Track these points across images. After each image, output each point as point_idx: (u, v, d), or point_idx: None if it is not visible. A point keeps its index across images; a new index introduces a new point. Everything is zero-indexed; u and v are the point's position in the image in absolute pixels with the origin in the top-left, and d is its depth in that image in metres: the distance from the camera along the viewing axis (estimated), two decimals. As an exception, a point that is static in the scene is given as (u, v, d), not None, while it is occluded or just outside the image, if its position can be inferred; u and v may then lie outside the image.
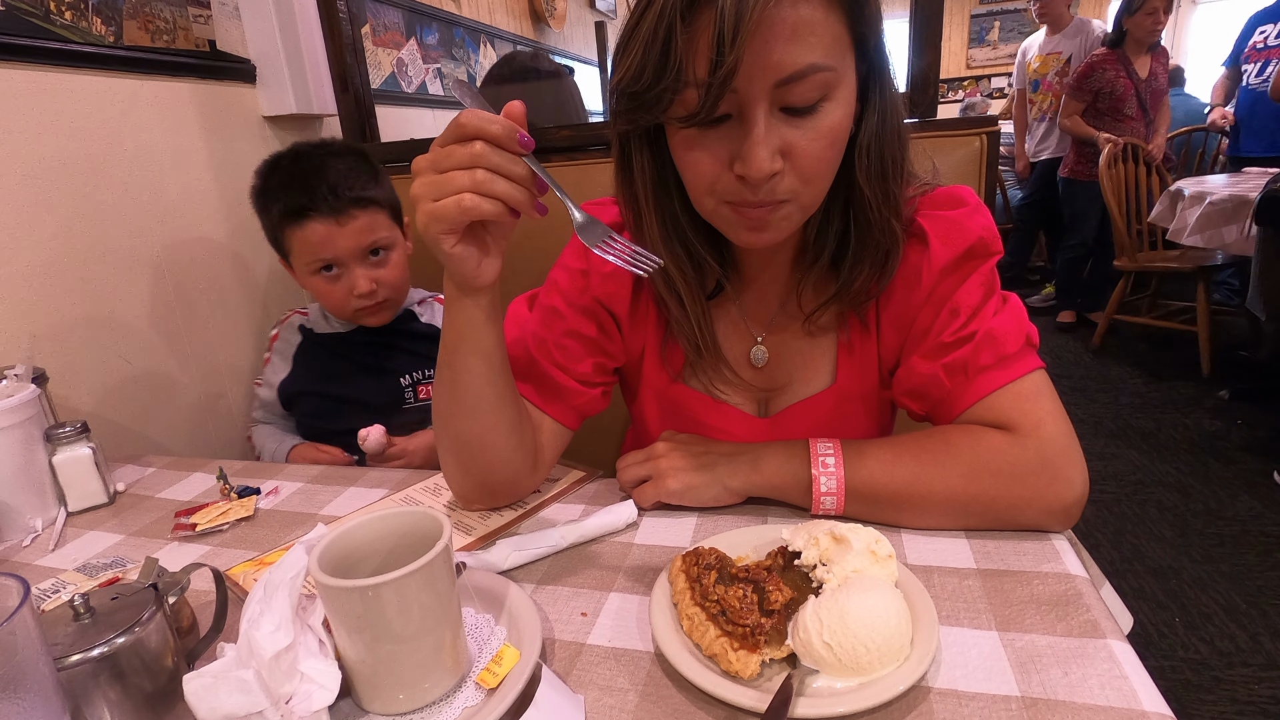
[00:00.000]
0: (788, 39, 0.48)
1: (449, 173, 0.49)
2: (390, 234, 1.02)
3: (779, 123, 0.51)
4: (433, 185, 0.49)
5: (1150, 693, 0.41)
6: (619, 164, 0.62)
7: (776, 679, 0.43)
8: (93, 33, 1.04)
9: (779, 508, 0.64)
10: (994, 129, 0.98)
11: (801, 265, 0.67)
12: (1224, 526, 1.92)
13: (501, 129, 0.48)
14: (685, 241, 0.63)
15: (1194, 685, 1.40)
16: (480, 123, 0.48)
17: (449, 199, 0.49)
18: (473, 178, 0.48)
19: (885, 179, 0.57)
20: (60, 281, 1.01)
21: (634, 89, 0.51)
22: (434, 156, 0.50)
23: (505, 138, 0.48)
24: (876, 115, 0.56)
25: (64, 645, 0.42)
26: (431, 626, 0.44)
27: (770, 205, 0.54)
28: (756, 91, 0.49)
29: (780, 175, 0.53)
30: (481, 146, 0.48)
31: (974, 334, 0.59)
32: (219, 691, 0.38)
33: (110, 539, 0.74)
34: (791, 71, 0.49)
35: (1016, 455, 0.56)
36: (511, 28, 2.67)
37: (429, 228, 0.51)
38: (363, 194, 0.98)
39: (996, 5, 6.79)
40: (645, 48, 0.49)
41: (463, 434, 0.63)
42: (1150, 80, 3.11)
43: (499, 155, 0.48)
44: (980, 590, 0.51)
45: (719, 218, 0.58)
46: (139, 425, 1.14)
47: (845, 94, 0.53)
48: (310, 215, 0.96)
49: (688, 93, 0.50)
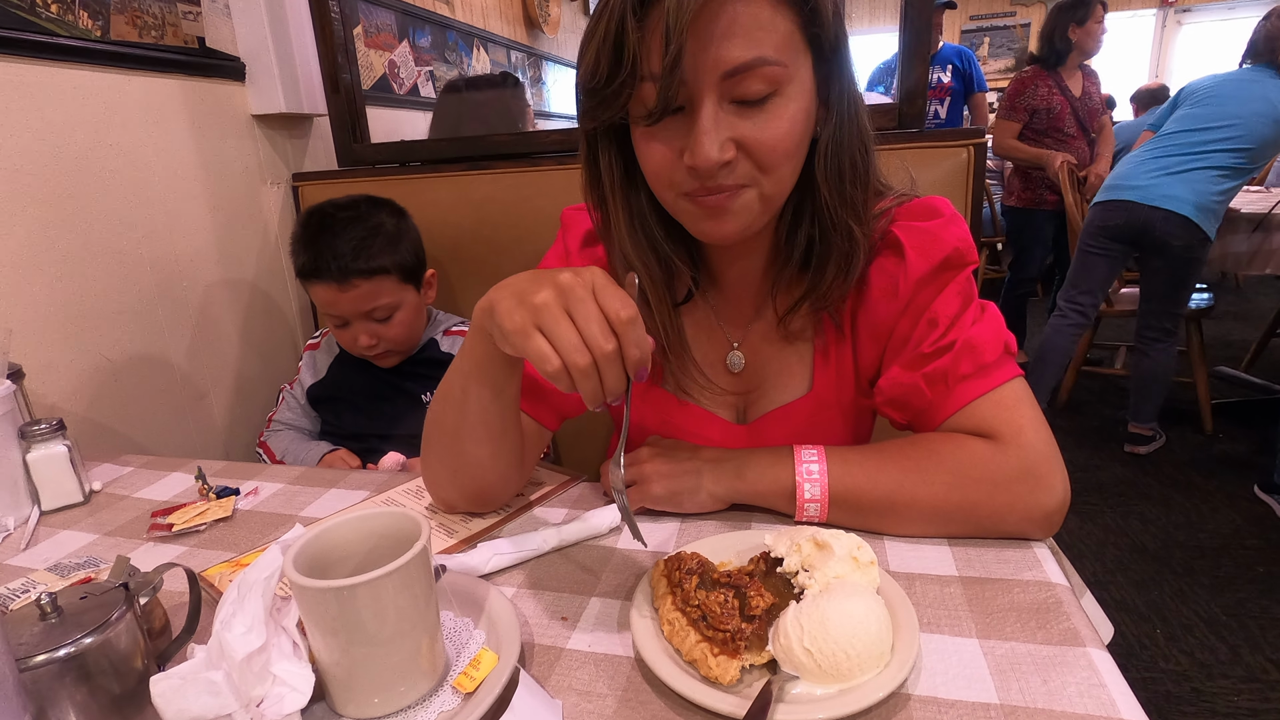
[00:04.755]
0: (734, 33, 0.50)
1: (569, 328, 0.44)
2: (395, 298, 1.05)
3: (729, 115, 0.53)
4: (550, 319, 0.45)
5: (1128, 701, 0.41)
6: (587, 163, 0.63)
7: (756, 685, 0.43)
8: (79, 26, 1.03)
9: (762, 514, 0.64)
10: (981, 141, 0.99)
11: (774, 269, 0.67)
12: (1205, 539, 1.93)
13: (639, 354, 0.45)
14: (653, 241, 0.64)
15: (1175, 697, 1.41)
16: (632, 336, 0.44)
17: (545, 349, 0.45)
18: (577, 362, 0.44)
19: (843, 181, 0.58)
20: (39, 276, 1.00)
21: (593, 85, 0.53)
22: (574, 293, 0.45)
23: (635, 363, 0.45)
24: (835, 118, 0.57)
25: (29, 645, 0.41)
26: (408, 629, 0.43)
27: (728, 191, 0.55)
28: (704, 83, 0.51)
29: (734, 164, 0.54)
30: (613, 350, 0.44)
31: (953, 343, 0.60)
32: (187, 693, 0.38)
33: (84, 538, 0.72)
34: (737, 64, 0.50)
35: (999, 463, 0.57)
36: (505, 32, 2.68)
37: (514, 337, 0.47)
38: (368, 264, 1.01)
39: (986, 21, 6.88)
40: (600, 45, 0.51)
41: (465, 453, 0.63)
42: (1084, 99, 2.90)
43: (616, 367, 0.44)
44: (961, 597, 0.51)
45: (680, 211, 0.59)
46: (117, 424, 1.12)
47: (798, 92, 0.54)
48: (316, 279, 1.02)
49: (643, 87, 0.52)
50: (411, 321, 1.09)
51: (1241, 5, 6.43)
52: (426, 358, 1.14)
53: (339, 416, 1.16)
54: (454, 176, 1.24)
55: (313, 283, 1.04)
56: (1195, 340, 2.53)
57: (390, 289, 1.04)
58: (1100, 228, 2.36)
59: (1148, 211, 2.20)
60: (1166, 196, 2.16)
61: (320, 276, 1.02)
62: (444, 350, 1.14)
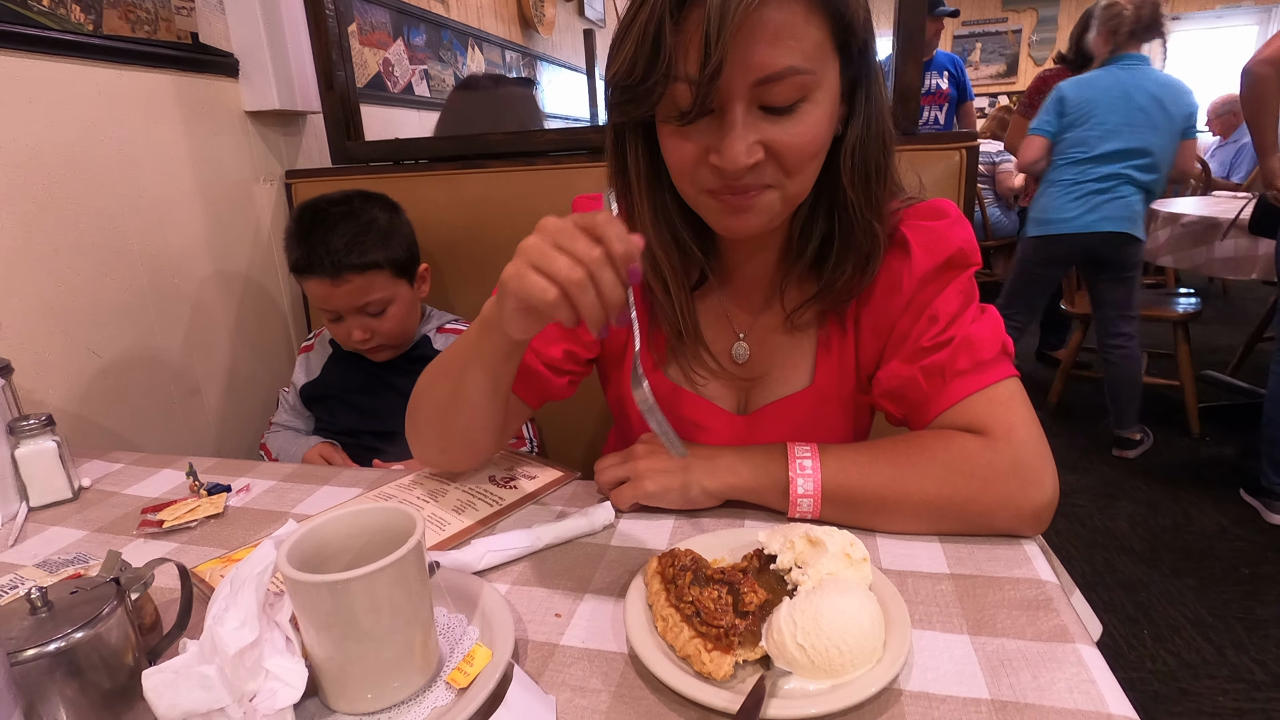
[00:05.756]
0: (769, 41, 0.50)
1: (558, 253, 0.48)
2: (388, 292, 1.06)
3: (758, 119, 0.54)
4: (540, 254, 0.49)
5: (1117, 696, 0.41)
6: (614, 154, 0.64)
7: (750, 680, 0.43)
8: (71, 20, 1.03)
9: (756, 511, 0.65)
10: (973, 144, 0.99)
11: (785, 264, 0.68)
12: (1192, 541, 1.95)
13: (625, 248, 0.48)
14: (674, 229, 0.65)
15: (1161, 696, 1.42)
16: (613, 232, 0.48)
17: (541, 281, 0.48)
18: (571, 276, 0.47)
19: (868, 181, 0.60)
20: (29, 271, 0.99)
21: (626, 83, 0.54)
22: (559, 228, 0.49)
23: (623, 257, 0.48)
24: (861, 120, 0.58)
25: (19, 640, 0.41)
26: (402, 625, 0.43)
27: (753, 191, 0.56)
28: (737, 89, 0.52)
29: (760, 166, 0.55)
30: (600, 254, 0.47)
31: (952, 339, 0.61)
32: (179, 687, 0.37)
33: (73, 535, 0.72)
34: (770, 72, 0.51)
35: (989, 458, 0.57)
36: (500, 32, 2.67)
37: (511, 283, 0.50)
38: (361, 259, 1.02)
39: (979, 27, 6.93)
40: (637, 44, 0.52)
41: (452, 424, 0.68)
42: None
43: (608, 271, 0.47)
44: (953, 594, 0.52)
45: (702, 206, 0.60)
46: (107, 421, 1.11)
47: (824, 97, 0.55)
48: (310, 274, 1.03)
49: (676, 88, 0.53)
50: (405, 315, 1.09)
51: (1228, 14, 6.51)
52: (420, 355, 1.14)
53: (332, 414, 1.16)
54: (448, 175, 1.24)
55: (306, 278, 1.04)
56: (1182, 345, 2.55)
57: (383, 283, 1.05)
58: (1043, 258, 2.41)
59: (1087, 238, 2.25)
60: (1103, 219, 2.21)
61: (313, 271, 1.02)
62: (436, 348, 1.14)
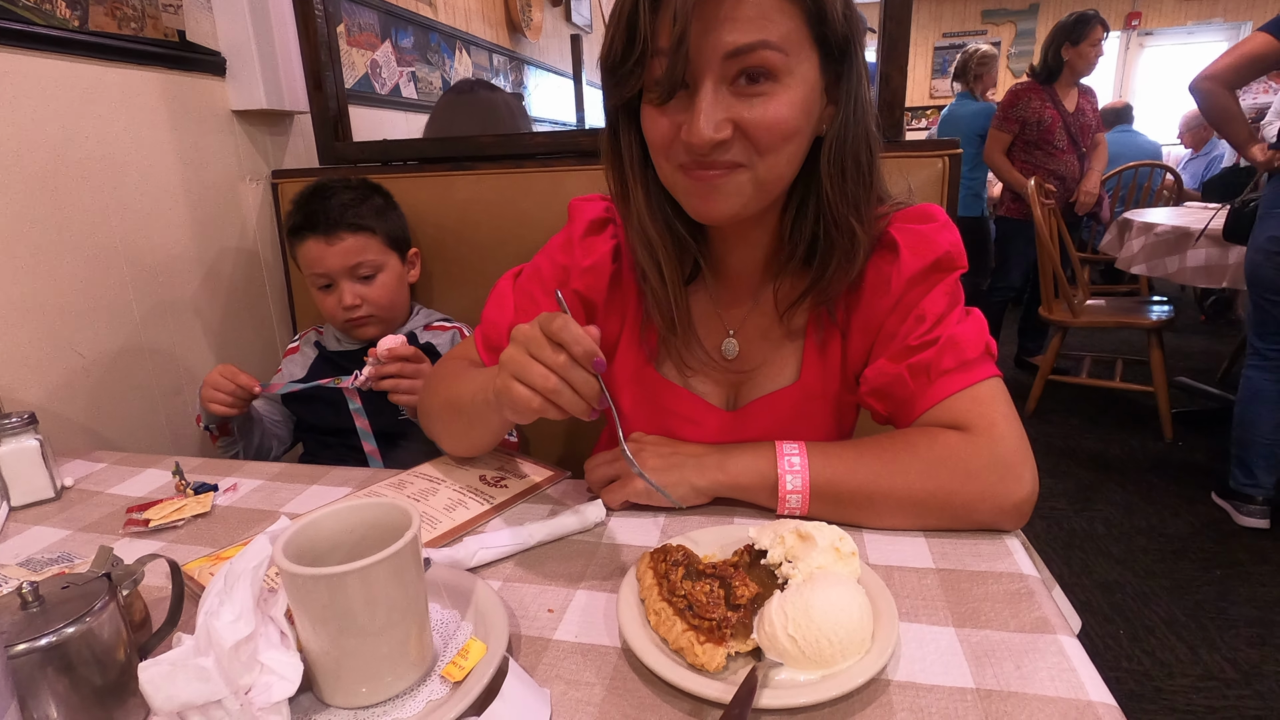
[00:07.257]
0: (738, 18, 0.53)
1: (534, 364, 0.54)
2: (379, 258, 1.10)
3: (729, 98, 0.56)
4: (518, 367, 0.55)
5: (1096, 684, 0.43)
6: (609, 140, 0.66)
7: (741, 672, 0.44)
8: (57, 16, 1.02)
9: (745, 508, 0.66)
10: (956, 151, 1.01)
11: (776, 262, 0.69)
12: (1165, 544, 1.99)
13: (583, 351, 0.53)
14: (666, 216, 0.67)
15: (1137, 695, 1.45)
16: (569, 336, 0.53)
17: (525, 392, 0.54)
18: (547, 385, 0.53)
19: (845, 179, 0.61)
20: (10, 269, 0.98)
21: (610, 63, 0.58)
22: (529, 338, 0.55)
23: (584, 356, 0.53)
24: (842, 117, 0.60)
25: (10, 634, 0.40)
26: (398, 619, 0.43)
27: (721, 170, 0.58)
28: (706, 63, 0.54)
29: (729, 143, 0.57)
30: (565, 360, 0.53)
31: (938, 339, 0.62)
32: (176, 679, 0.37)
33: (57, 534, 0.71)
34: (739, 44, 0.53)
35: (970, 453, 0.59)
36: (488, 36, 2.67)
37: (503, 395, 0.56)
38: (355, 221, 1.07)
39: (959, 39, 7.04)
40: (616, 25, 0.56)
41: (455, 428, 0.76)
42: (1078, 114, 2.96)
43: (578, 372, 0.53)
44: (938, 588, 0.53)
45: (676, 185, 0.62)
46: (90, 420, 1.10)
47: (798, 83, 0.56)
48: (307, 235, 1.07)
49: (653, 63, 0.56)
50: (394, 288, 1.12)
51: (1200, 30, 6.69)
52: None
53: (315, 413, 1.15)
54: (436, 177, 1.24)
55: (302, 239, 1.07)
56: (1156, 351, 2.62)
57: (375, 248, 1.09)
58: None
59: None
60: None
61: (310, 230, 1.06)
62: (422, 344, 1.14)
